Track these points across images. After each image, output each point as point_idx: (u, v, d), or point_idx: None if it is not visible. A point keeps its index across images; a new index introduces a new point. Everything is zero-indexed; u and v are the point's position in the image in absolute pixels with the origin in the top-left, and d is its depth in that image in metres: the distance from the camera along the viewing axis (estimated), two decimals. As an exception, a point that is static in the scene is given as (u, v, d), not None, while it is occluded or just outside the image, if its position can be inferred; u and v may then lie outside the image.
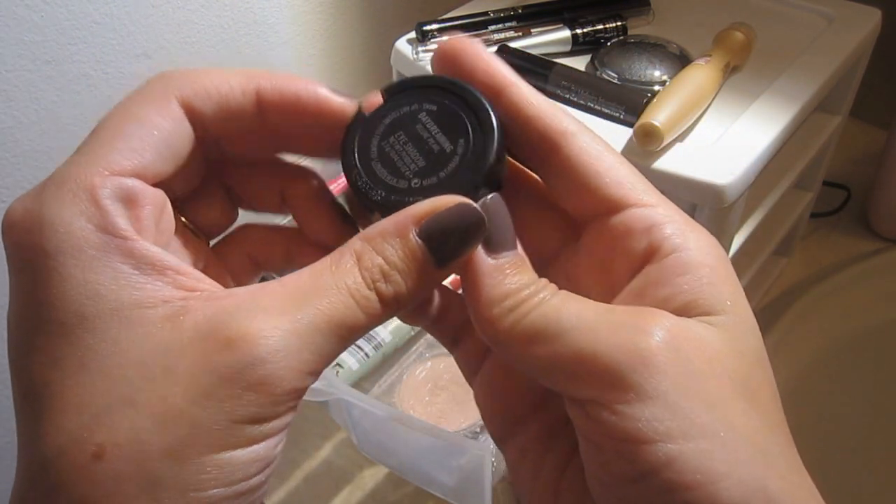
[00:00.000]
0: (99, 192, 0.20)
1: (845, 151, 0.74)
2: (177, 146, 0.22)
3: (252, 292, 0.20)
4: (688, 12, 0.60)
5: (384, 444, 0.54)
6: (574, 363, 0.20)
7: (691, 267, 0.21)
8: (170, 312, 0.19)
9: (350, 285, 0.20)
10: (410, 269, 0.21)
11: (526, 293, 0.21)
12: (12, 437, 0.65)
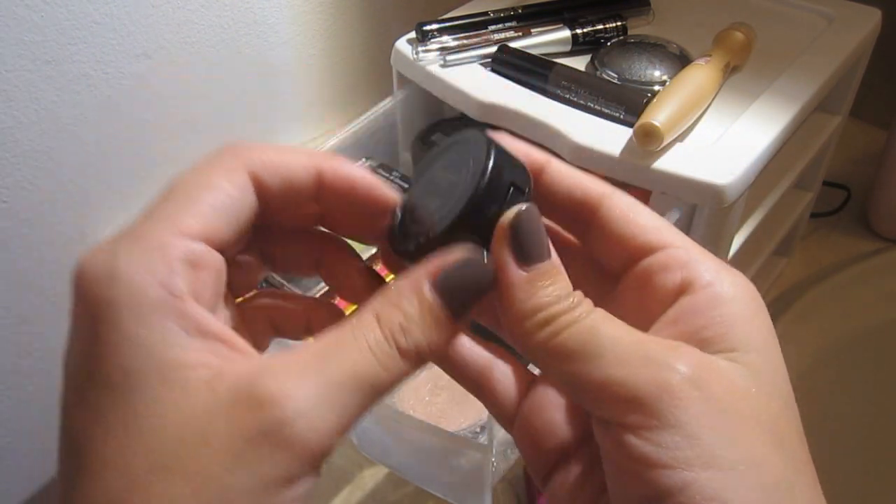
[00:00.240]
0: (170, 252, 0.21)
1: (845, 151, 0.74)
2: (241, 214, 0.23)
3: (281, 355, 0.21)
4: (688, 12, 0.60)
5: (384, 444, 0.54)
6: (604, 388, 0.21)
7: (724, 301, 0.22)
8: (209, 377, 0.20)
9: (370, 342, 0.21)
10: (428, 323, 0.21)
11: (559, 307, 0.22)
12: (13, 438, 0.65)
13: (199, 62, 0.57)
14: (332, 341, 0.21)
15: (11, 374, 0.56)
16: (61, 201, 0.53)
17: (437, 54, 0.54)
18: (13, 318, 0.54)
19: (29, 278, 0.54)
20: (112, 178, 0.56)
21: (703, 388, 0.20)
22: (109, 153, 0.55)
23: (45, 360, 0.57)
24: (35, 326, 0.55)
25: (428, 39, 0.54)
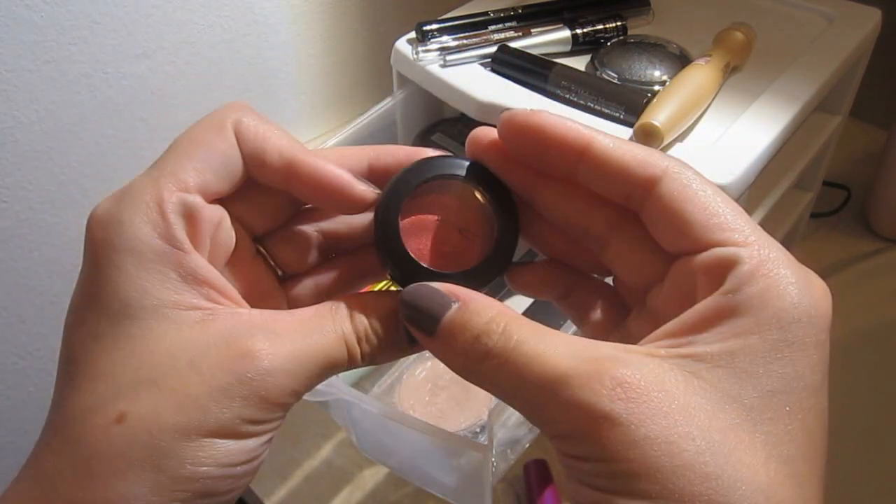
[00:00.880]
0: (166, 206, 0.23)
1: (845, 151, 0.74)
2: (232, 168, 0.25)
3: (267, 316, 0.24)
4: (688, 12, 0.60)
5: (384, 444, 0.54)
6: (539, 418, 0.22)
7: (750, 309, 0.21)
8: (200, 318, 0.23)
9: (344, 332, 0.24)
10: (385, 339, 0.25)
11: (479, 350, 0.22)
12: (13, 438, 0.65)
13: (199, 62, 0.57)
14: (313, 318, 0.24)
15: (11, 374, 0.56)
16: (61, 201, 0.53)
17: (437, 54, 0.54)
18: (13, 318, 0.54)
19: (29, 278, 0.54)
20: (112, 178, 0.56)
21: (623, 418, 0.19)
22: (109, 153, 0.55)
23: (45, 360, 0.57)
24: (35, 326, 0.55)
25: (428, 39, 0.54)
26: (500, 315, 0.22)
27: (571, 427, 0.20)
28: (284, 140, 0.26)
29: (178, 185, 0.24)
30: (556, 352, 0.21)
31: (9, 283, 0.53)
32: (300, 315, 0.24)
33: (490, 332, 0.22)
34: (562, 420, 0.20)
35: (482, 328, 0.22)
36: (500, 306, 0.23)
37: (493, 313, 0.22)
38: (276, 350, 0.23)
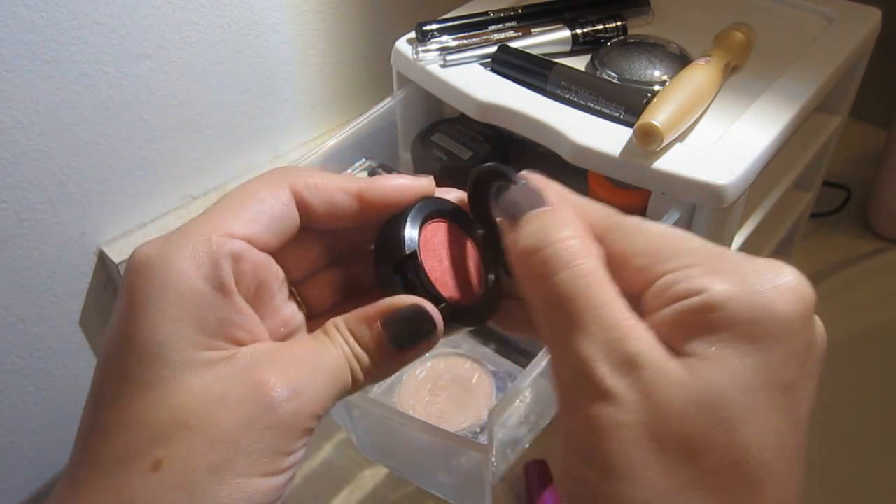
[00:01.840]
0: (214, 248, 0.24)
1: (845, 151, 0.74)
2: (284, 225, 0.26)
3: (278, 346, 0.25)
4: (688, 12, 0.60)
5: (384, 444, 0.54)
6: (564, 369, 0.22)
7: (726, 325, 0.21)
8: (227, 355, 0.24)
9: (347, 352, 0.25)
10: (375, 351, 0.26)
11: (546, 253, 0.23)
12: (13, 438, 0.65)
13: (199, 62, 0.57)
14: (318, 344, 0.25)
15: (11, 374, 0.56)
16: (61, 201, 0.53)
17: (437, 54, 0.54)
18: (13, 318, 0.54)
19: (29, 278, 0.54)
20: (112, 178, 0.56)
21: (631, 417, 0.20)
22: (109, 153, 0.55)
23: (45, 360, 0.57)
24: (35, 326, 0.55)
25: (428, 39, 0.54)
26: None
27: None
28: (340, 180, 0.27)
29: (228, 231, 0.25)
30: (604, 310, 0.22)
31: (9, 283, 0.53)
32: (308, 343, 0.26)
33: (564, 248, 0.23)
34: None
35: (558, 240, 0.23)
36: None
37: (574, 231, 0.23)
38: (291, 375, 0.23)
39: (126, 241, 0.58)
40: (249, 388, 0.23)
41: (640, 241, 0.23)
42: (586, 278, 0.22)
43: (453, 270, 0.29)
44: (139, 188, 0.58)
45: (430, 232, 0.28)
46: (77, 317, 0.58)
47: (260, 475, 0.22)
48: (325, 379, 0.24)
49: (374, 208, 0.28)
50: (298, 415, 0.23)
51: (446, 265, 0.29)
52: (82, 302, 0.58)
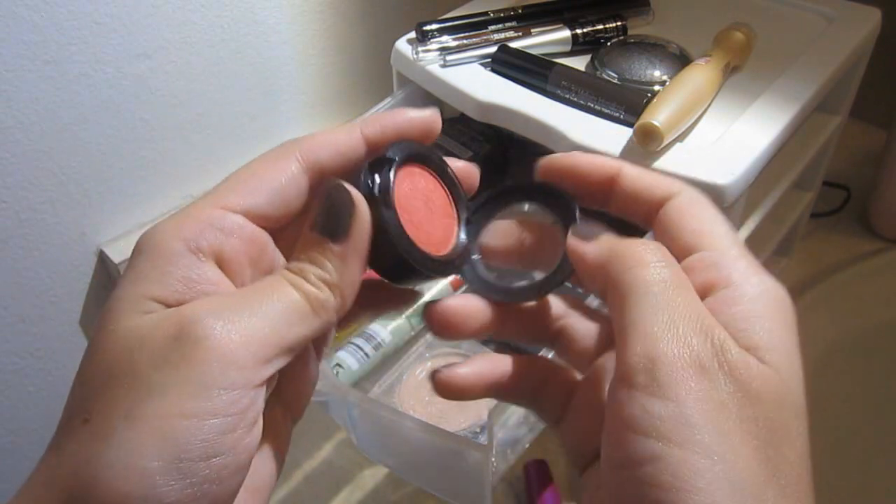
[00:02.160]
0: (203, 218, 0.24)
1: (845, 151, 0.74)
2: (289, 195, 0.26)
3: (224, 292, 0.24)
4: (688, 12, 0.60)
5: (384, 444, 0.54)
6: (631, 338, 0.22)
7: (745, 299, 0.23)
8: (166, 308, 0.23)
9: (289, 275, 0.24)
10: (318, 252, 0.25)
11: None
12: (13, 437, 0.65)
13: (199, 62, 0.57)
14: (263, 281, 0.24)
15: (11, 374, 0.56)
16: (61, 201, 0.53)
17: (437, 54, 0.54)
18: (13, 318, 0.54)
19: (29, 278, 0.54)
20: (112, 178, 0.56)
21: (713, 381, 0.21)
22: (109, 153, 0.55)
23: (45, 360, 0.57)
24: (35, 326, 0.55)
25: (428, 39, 0.54)
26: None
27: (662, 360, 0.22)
28: (342, 129, 0.27)
29: (224, 205, 0.25)
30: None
31: (9, 283, 0.53)
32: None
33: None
34: None
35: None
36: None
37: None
38: (221, 308, 0.22)
39: (126, 241, 0.58)
40: (172, 326, 0.22)
41: (685, 219, 0.26)
42: (675, 267, 0.24)
43: (423, 218, 0.28)
44: (139, 188, 0.58)
45: (407, 175, 0.28)
46: (77, 317, 0.58)
47: (179, 416, 0.21)
48: (268, 308, 0.23)
49: (378, 144, 0.27)
50: (230, 347, 0.22)
51: (419, 212, 0.28)
52: (82, 302, 0.58)
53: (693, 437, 0.20)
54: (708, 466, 0.20)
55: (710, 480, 0.19)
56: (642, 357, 0.21)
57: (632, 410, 0.21)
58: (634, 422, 0.21)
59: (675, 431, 0.20)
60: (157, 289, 0.23)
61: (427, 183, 0.28)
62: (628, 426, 0.21)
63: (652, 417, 0.20)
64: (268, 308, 0.23)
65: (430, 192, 0.28)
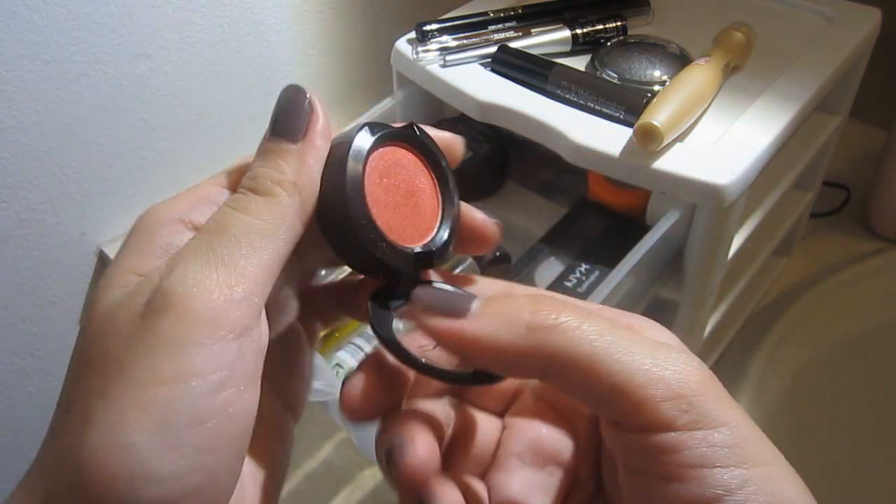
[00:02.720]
0: (200, 192, 0.23)
1: (845, 151, 0.74)
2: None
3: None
4: (688, 12, 0.60)
5: (384, 444, 0.54)
6: (630, 390, 0.20)
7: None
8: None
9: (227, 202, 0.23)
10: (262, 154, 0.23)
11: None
12: (13, 437, 0.65)
13: (199, 62, 0.57)
14: (205, 225, 0.22)
15: (11, 374, 0.56)
16: (61, 201, 0.53)
17: (437, 54, 0.54)
18: (13, 318, 0.54)
19: (29, 278, 0.54)
20: (112, 178, 0.56)
21: (728, 395, 0.21)
22: (109, 153, 0.55)
23: (45, 360, 0.57)
24: (35, 326, 0.55)
25: (428, 39, 0.54)
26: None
27: (683, 387, 0.20)
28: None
29: (220, 182, 0.24)
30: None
31: (9, 283, 0.53)
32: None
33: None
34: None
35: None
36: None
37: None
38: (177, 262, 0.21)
39: (126, 241, 0.58)
40: (141, 295, 0.20)
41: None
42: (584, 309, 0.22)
43: (398, 202, 0.25)
44: (139, 188, 0.58)
45: (385, 155, 0.25)
46: (77, 317, 0.58)
47: (157, 382, 0.19)
48: (220, 246, 0.21)
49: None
50: (197, 300, 0.20)
51: (393, 194, 0.25)
52: (82, 302, 0.58)
53: (760, 452, 0.20)
54: (786, 475, 0.20)
55: (795, 489, 0.20)
56: (671, 397, 0.20)
57: (697, 450, 0.20)
58: (705, 459, 0.20)
59: (748, 453, 0.20)
60: (137, 260, 0.22)
61: (414, 168, 0.26)
62: (700, 465, 0.20)
63: (721, 448, 0.20)
64: (220, 245, 0.21)
65: (415, 178, 0.26)
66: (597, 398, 0.21)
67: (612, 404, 0.21)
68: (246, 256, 0.21)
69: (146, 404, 0.19)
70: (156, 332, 0.20)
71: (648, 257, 0.45)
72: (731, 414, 0.20)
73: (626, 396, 0.20)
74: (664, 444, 0.20)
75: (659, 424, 0.20)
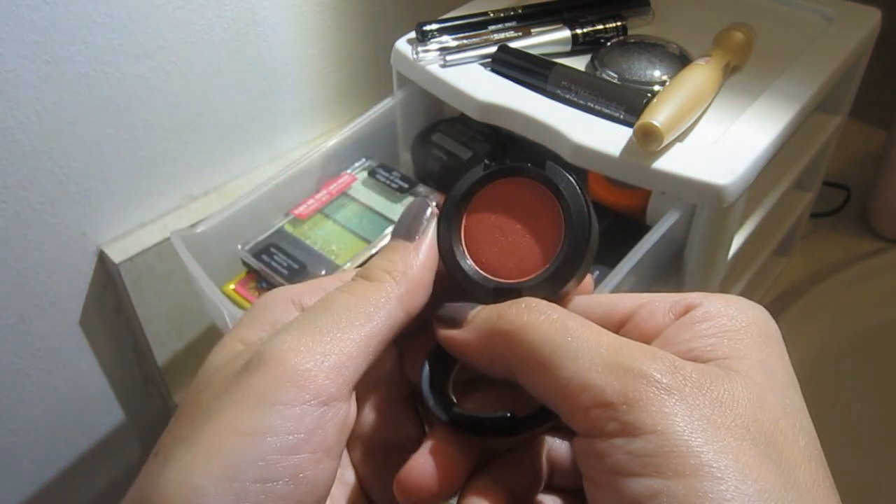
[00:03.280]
0: (317, 285, 0.25)
1: (845, 151, 0.74)
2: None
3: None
4: (688, 12, 0.60)
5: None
6: (573, 392, 0.20)
7: (713, 315, 0.22)
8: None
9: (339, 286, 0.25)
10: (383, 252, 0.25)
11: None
12: (13, 438, 0.65)
13: (199, 62, 0.57)
14: (313, 303, 0.24)
15: (11, 374, 0.56)
16: (61, 201, 0.53)
17: (437, 54, 0.54)
18: (13, 318, 0.54)
19: (29, 278, 0.54)
20: (112, 178, 0.56)
21: (679, 395, 0.19)
22: (109, 153, 0.55)
23: (45, 360, 0.57)
24: (35, 326, 0.55)
25: (428, 39, 0.54)
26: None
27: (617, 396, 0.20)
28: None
29: (340, 277, 0.25)
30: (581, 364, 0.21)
31: (9, 283, 0.53)
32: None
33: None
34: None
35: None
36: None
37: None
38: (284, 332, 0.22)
39: (126, 241, 0.58)
40: (244, 358, 0.22)
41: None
42: (562, 311, 0.23)
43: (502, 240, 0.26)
44: (139, 188, 0.58)
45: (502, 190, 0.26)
46: (77, 317, 0.58)
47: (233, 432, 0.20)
48: (325, 319, 0.22)
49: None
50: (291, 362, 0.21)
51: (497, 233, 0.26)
52: (82, 302, 0.58)
53: (690, 462, 0.18)
54: (716, 487, 0.18)
55: (724, 500, 0.18)
56: (598, 404, 0.20)
57: (615, 459, 0.19)
58: (622, 468, 0.19)
59: (668, 463, 0.18)
60: (245, 331, 0.23)
61: (538, 208, 0.25)
62: (616, 472, 0.19)
63: (639, 457, 0.19)
64: (320, 317, 0.22)
65: (536, 218, 0.25)
66: (547, 398, 0.21)
67: (557, 405, 0.21)
68: (343, 330, 0.22)
69: (219, 451, 0.20)
70: (245, 387, 0.21)
71: (648, 257, 0.45)
72: (666, 422, 0.19)
73: (566, 401, 0.21)
74: (593, 450, 0.20)
75: (591, 430, 0.20)
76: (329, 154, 0.57)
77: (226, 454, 0.19)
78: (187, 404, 0.22)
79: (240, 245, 0.53)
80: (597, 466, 0.20)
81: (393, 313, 0.23)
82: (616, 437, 0.19)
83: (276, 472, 0.20)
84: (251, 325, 0.24)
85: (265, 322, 0.24)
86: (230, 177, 0.65)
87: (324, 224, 0.55)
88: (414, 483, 0.22)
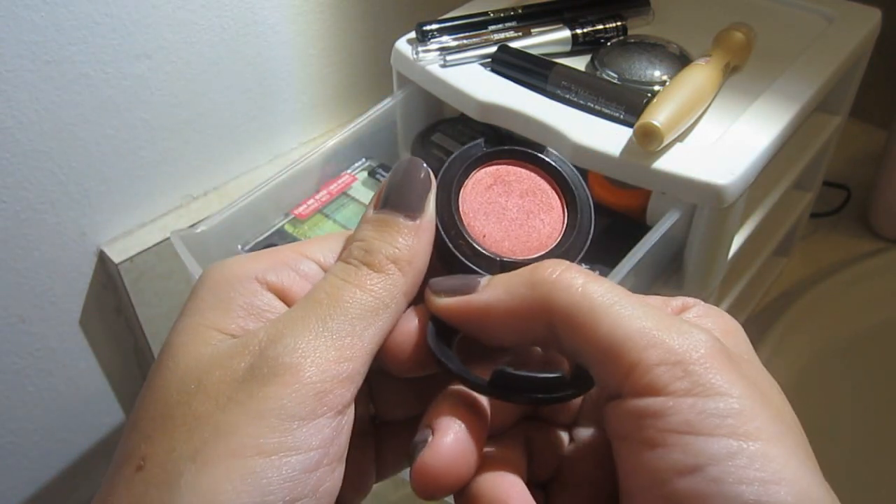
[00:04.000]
0: (279, 256, 0.23)
1: (845, 151, 0.74)
2: None
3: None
4: (688, 12, 0.60)
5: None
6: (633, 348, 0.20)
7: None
8: (222, 337, 0.21)
9: (339, 273, 0.22)
10: (381, 230, 0.23)
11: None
12: (13, 437, 0.65)
13: (199, 62, 0.57)
14: (313, 294, 0.22)
15: (11, 374, 0.56)
16: (61, 201, 0.53)
17: (437, 54, 0.54)
18: (13, 318, 0.54)
19: (29, 278, 0.54)
20: (112, 178, 0.56)
21: (739, 367, 0.20)
22: (109, 153, 0.55)
23: (45, 360, 0.57)
24: (35, 326, 0.55)
25: (428, 39, 0.54)
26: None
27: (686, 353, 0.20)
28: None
29: (300, 250, 0.24)
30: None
31: (9, 283, 0.53)
32: (303, 300, 0.23)
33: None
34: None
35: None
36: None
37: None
38: (286, 330, 0.21)
39: (126, 241, 0.58)
40: (229, 366, 0.20)
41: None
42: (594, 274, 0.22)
43: (506, 218, 0.26)
44: (139, 188, 0.58)
45: (501, 170, 0.26)
46: (77, 317, 0.58)
47: (257, 453, 0.19)
48: (335, 322, 0.21)
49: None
50: (305, 373, 0.20)
51: (500, 210, 0.26)
52: (82, 302, 0.58)
53: (763, 427, 0.19)
54: (784, 454, 0.19)
55: (793, 469, 0.18)
56: (667, 362, 0.19)
57: (684, 418, 0.19)
58: (691, 425, 0.19)
59: (743, 425, 0.19)
60: (216, 317, 0.21)
61: (538, 189, 0.26)
62: (684, 432, 0.19)
63: (712, 417, 0.19)
64: (332, 319, 0.21)
65: (538, 199, 0.26)
66: (594, 356, 0.21)
67: (607, 364, 0.20)
68: (357, 336, 0.21)
69: (245, 474, 0.18)
70: (258, 400, 0.19)
71: (648, 257, 0.45)
72: (738, 386, 0.19)
73: (621, 356, 0.20)
74: (649, 409, 0.19)
75: (649, 388, 0.20)
76: (329, 154, 0.57)
77: (253, 477, 0.18)
78: (174, 409, 0.20)
79: (240, 245, 0.53)
80: (652, 427, 0.19)
81: (399, 309, 0.23)
82: (686, 395, 0.19)
83: (301, 490, 0.19)
84: (221, 309, 0.22)
85: (237, 307, 0.22)
86: (230, 177, 0.65)
87: (324, 224, 0.56)
88: (442, 470, 0.21)
